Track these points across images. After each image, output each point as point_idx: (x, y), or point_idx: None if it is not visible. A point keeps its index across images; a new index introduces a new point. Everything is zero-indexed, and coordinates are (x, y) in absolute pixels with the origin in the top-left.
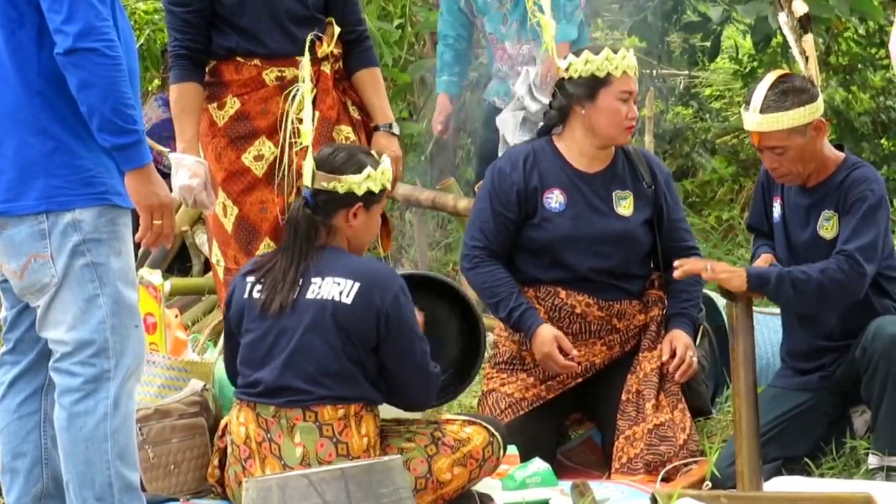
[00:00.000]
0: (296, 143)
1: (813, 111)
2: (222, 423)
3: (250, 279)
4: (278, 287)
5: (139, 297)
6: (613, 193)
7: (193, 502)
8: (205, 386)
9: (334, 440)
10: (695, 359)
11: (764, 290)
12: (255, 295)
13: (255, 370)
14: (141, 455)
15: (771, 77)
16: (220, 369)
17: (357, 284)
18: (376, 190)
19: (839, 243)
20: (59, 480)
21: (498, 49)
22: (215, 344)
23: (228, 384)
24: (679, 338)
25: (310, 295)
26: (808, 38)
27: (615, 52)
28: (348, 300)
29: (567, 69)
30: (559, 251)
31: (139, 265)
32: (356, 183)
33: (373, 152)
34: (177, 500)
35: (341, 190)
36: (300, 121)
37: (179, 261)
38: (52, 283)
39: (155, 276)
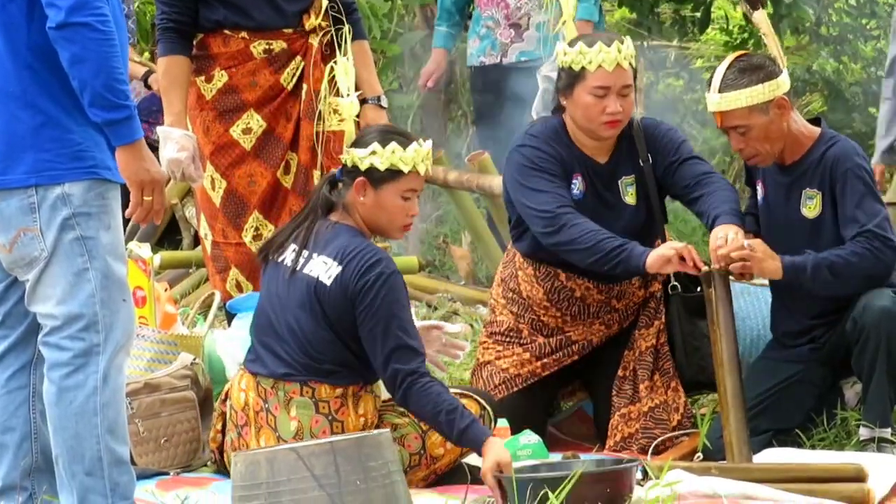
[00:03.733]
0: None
1: (773, 88)
2: (226, 387)
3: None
4: (277, 237)
5: (128, 270)
6: (619, 182)
7: (183, 476)
8: (194, 359)
9: (330, 418)
10: (737, 236)
11: (799, 279)
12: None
13: (260, 340)
14: (131, 429)
15: (730, 57)
16: (209, 343)
17: (339, 268)
18: (381, 168)
19: (852, 226)
20: (49, 455)
21: None
22: (205, 317)
23: (218, 358)
24: (729, 227)
25: (305, 270)
26: (758, 15)
27: (608, 43)
28: (328, 282)
29: (556, 58)
30: None
31: (128, 239)
32: (360, 157)
33: (420, 139)
34: (167, 473)
35: (349, 163)
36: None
37: (169, 234)
38: (42, 257)
39: (144, 249)
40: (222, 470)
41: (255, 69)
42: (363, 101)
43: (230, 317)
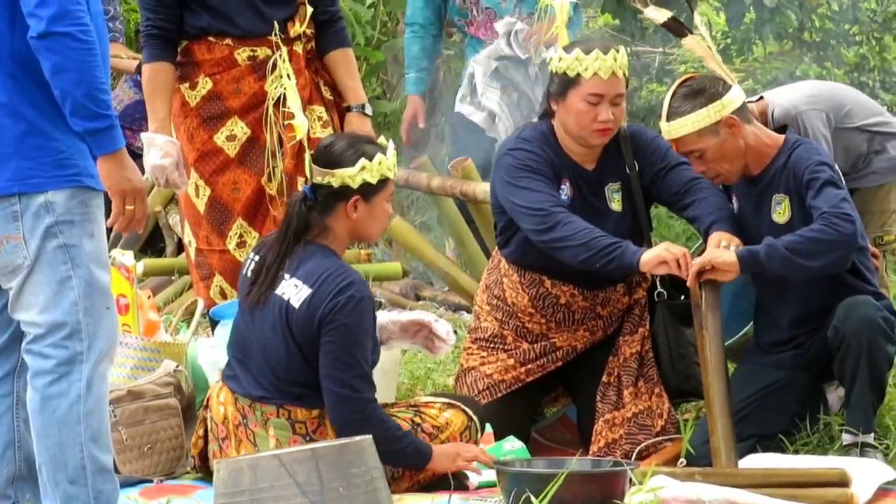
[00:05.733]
0: (291, 137)
1: (718, 109)
2: (208, 393)
3: (252, 255)
4: (259, 280)
5: (111, 278)
6: (606, 188)
7: (167, 483)
8: (177, 367)
9: (307, 438)
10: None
11: (757, 264)
12: (248, 275)
13: (236, 357)
14: (114, 437)
15: (675, 84)
16: (192, 350)
17: (308, 291)
18: (373, 181)
19: (815, 213)
20: (32, 463)
21: (494, 23)
22: (188, 325)
23: (201, 365)
24: (725, 235)
25: (278, 291)
26: (689, 41)
27: (604, 51)
28: (296, 305)
29: (549, 63)
30: None
31: (112, 246)
32: (350, 176)
33: (380, 140)
34: (150, 481)
35: (336, 184)
36: (291, 115)
37: (152, 241)
38: (25, 265)
39: (127, 257)
40: (202, 476)
41: (240, 76)
42: (347, 109)
43: (214, 324)
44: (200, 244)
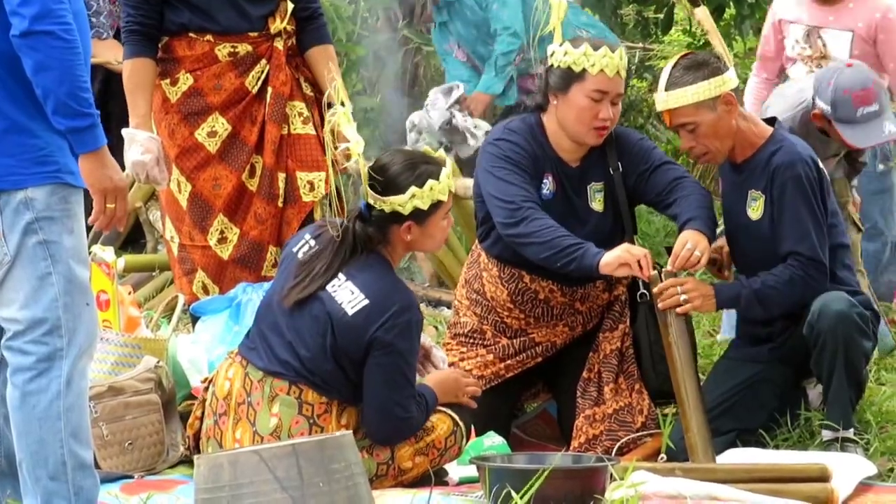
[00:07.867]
0: (344, 160)
1: (719, 84)
2: (210, 376)
3: (308, 237)
4: (306, 280)
5: (92, 274)
6: (588, 187)
7: (148, 479)
8: (158, 363)
9: (311, 420)
10: (702, 256)
11: (735, 307)
12: (300, 256)
13: (261, 331)
14: (95, 432)
15: (676, 56)
16: (173, 346)
17: (366, 302)
18: (424, 207)
19: (785, 242)
20: (13, 459)
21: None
22: (169, 321)
23: (181, 361)
24: (688, 236)
25: (329, 288)
26: (699, 12)
27: (612, 49)
28: (350, 312)
29: (550, 56)
30: None
31: (92, 242)
32: (400, 204)
33: (439, 154)
34: (131, 477)
35: (387, 209)
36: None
37: (133, 237)
38: (5, 262)
39: (108, 253)
40: (194, 455)
41: (220, 72)
42: (328, 105)
43: (195, 320)
44: (183, 240)
